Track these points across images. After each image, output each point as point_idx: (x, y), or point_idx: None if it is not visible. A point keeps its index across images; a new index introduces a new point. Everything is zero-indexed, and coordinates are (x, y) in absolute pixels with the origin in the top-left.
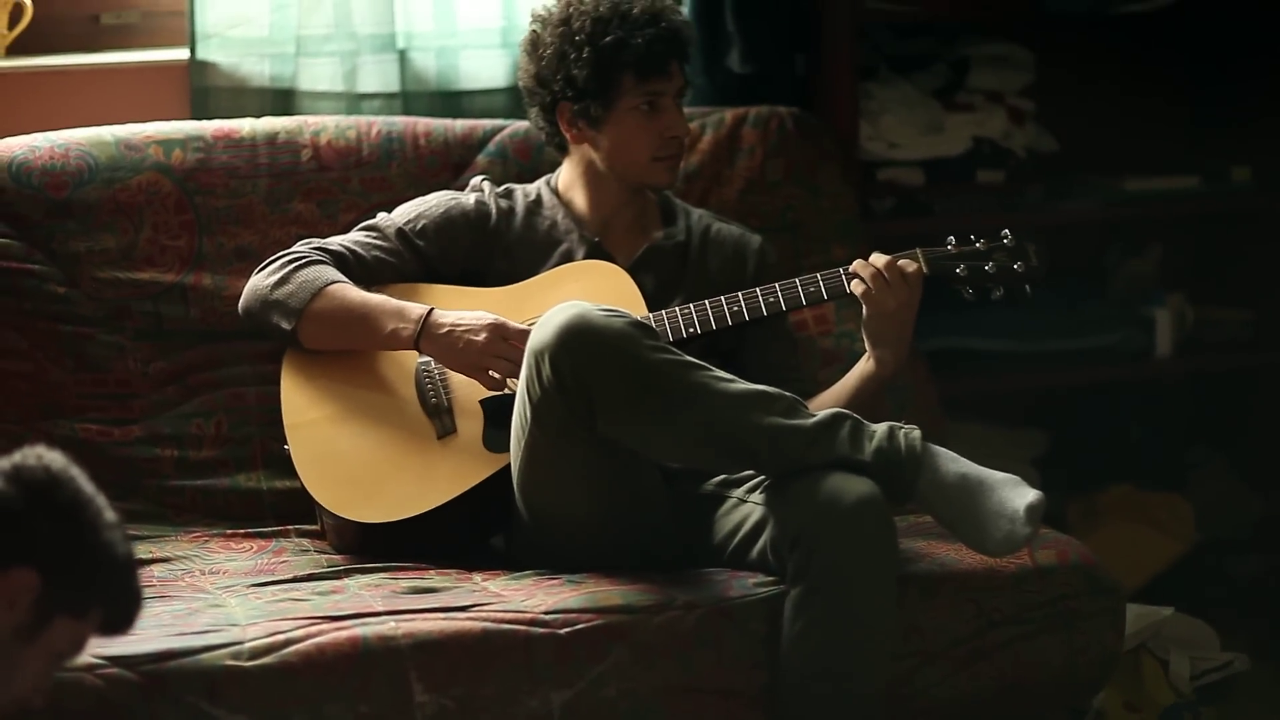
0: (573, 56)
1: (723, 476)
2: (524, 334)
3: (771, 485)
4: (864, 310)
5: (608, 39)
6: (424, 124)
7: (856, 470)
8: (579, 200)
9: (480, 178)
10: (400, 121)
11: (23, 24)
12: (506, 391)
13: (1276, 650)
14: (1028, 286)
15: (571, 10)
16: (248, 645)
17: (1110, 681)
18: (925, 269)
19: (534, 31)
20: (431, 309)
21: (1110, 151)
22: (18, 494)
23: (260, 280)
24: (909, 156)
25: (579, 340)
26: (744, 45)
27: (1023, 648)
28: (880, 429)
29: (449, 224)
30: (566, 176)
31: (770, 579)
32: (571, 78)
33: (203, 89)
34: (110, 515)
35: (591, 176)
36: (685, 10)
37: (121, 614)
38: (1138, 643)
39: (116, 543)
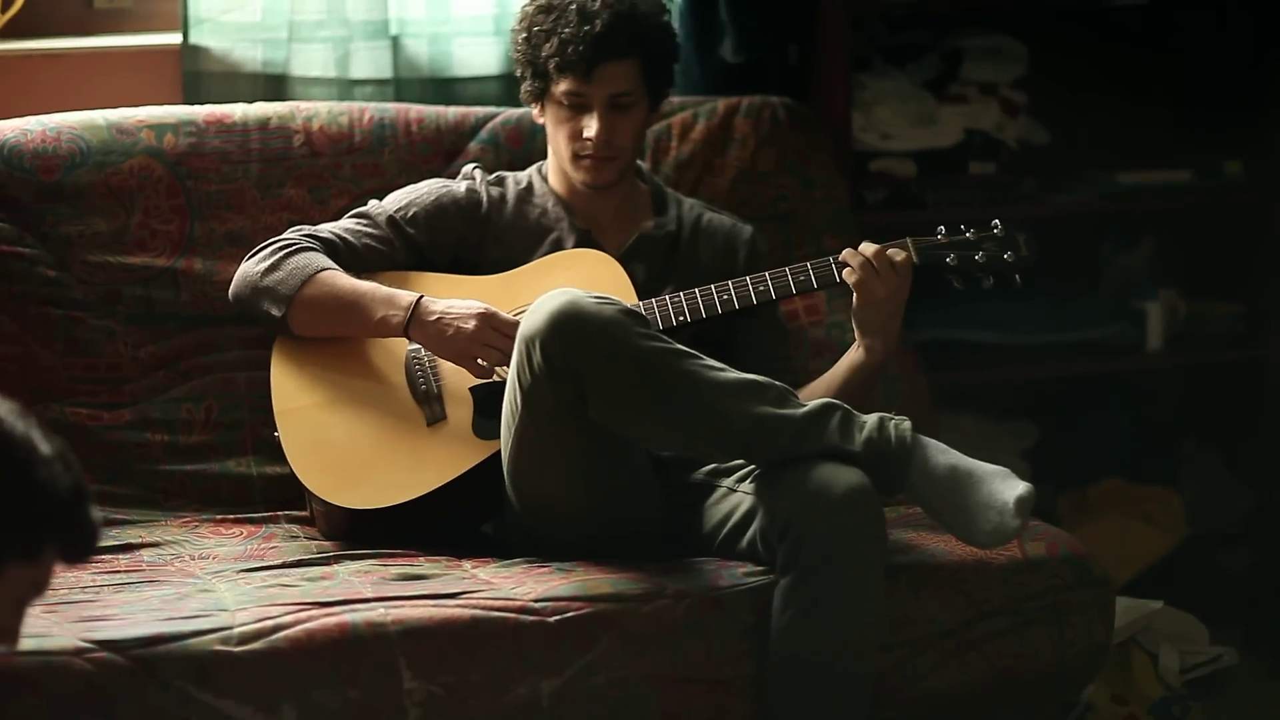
0: (519, 38)
1: (712, 465)
2: (513, 324)
3: (761, 475)
4: (854, 299)
5: (537, 28)
6: (416, 111)
7: (846, 461)
8: (566, 188)
9: (472, 165)
10: (392, 108)
11: (16, 6)
12: (496, 379)
13: (1266, 644)
14: (1018, 276)
15: None
16: (236, 630)
17: (1099, 674)
18: (915, 258)
19: (524, 5)
20: (421, 296)
21: (1103, 145)
22: None
23: (251, 267)
24: (901, 148)
25: (570, 327)
26: (737, 35)
27: (1012, 639)
28: (871, 420)
29: (440, 212)
30: (554, 164)
31: (759, 568)
32: (516, 58)
33: (195, 73)
34: (47, 448)
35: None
36: (679, 0)
37: (78, 545)
38: (1127, 636)
39: (58, 476)
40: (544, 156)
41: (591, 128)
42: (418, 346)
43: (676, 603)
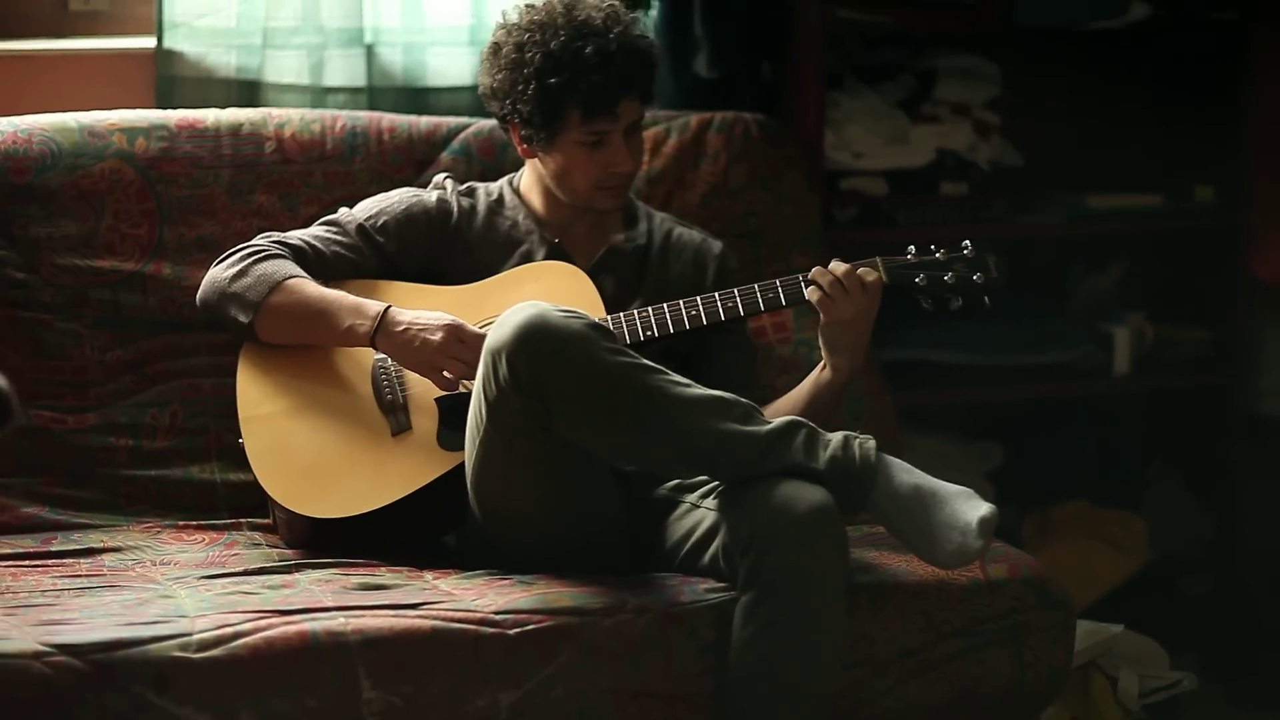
0: (520, 88)
1: (676, 481)
2: (480, 337)
3: (725, 491)
4: (821, 317)
5: (553, 80)
6: (389, 119)
7: (810, 479)
8: (539, 202)
9: (443, 175)
10: (365, 116)
11: None
12: (461, 391)
13: (1225, 670)
14: (986, 298)
15: (528, 37)
16: (196, 637)
17: (1059, 697)
18: (884, 277)
19: (495, 43)
20: (389, 306)
21: (1074, 167)
22: None
23: (219, 273)
24: (873, 166)
25: (536, 340)
26: (711, 50)
27: (972, 660)
28: (835, 438)
29: (410, 221)
30: (527, 178)
31: (721, 585)
32: (518, 108)
33: (168, 78)
34: None
35: (545, 185)
36: (654, 14)
37: None
38: (1087, 659)
39: None
40: (515, 168)
41: (621, 161)
42: (384, 356)
43: (637, 617)
